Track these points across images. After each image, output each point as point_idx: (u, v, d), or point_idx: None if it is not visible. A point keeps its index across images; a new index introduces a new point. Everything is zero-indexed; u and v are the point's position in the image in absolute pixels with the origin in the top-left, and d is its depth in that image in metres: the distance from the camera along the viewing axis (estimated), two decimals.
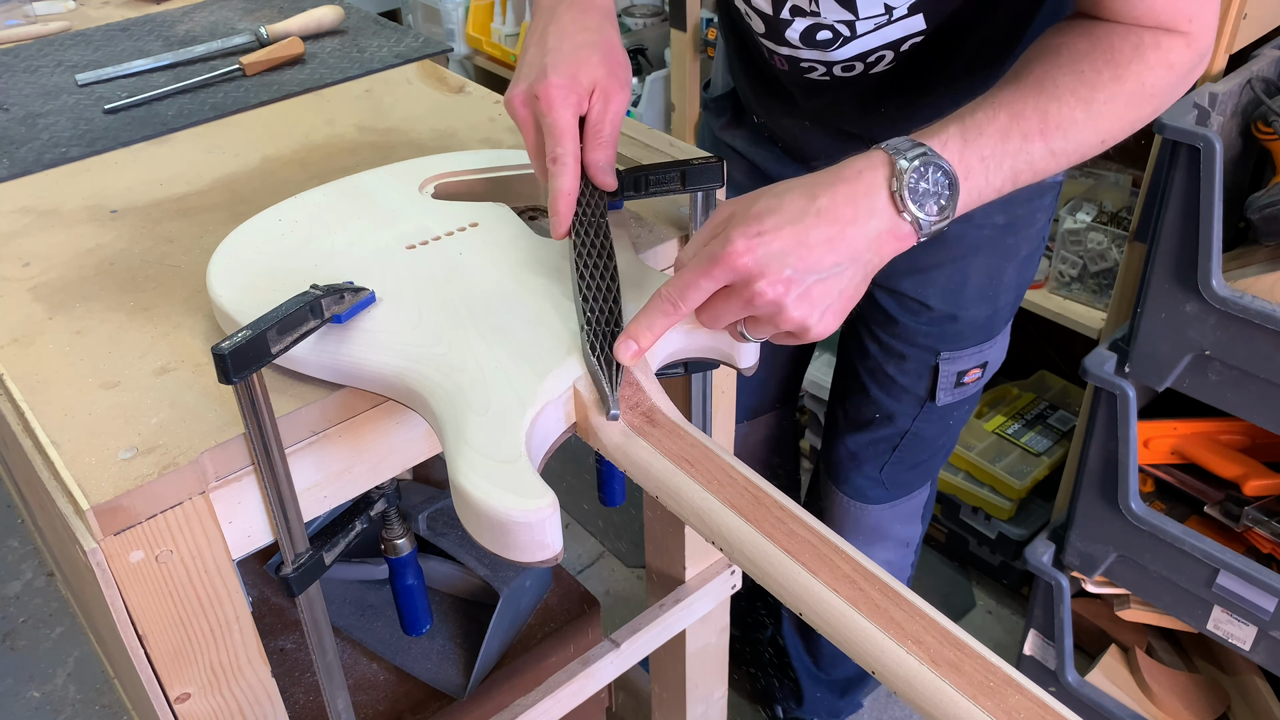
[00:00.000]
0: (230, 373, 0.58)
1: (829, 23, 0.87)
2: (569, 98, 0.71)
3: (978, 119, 0.68)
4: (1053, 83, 0.70)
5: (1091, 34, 0.72)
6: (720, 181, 0.76)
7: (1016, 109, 0.68)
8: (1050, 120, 0.69)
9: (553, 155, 0.71)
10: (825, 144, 1.04)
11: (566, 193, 0.71)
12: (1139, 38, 0.71)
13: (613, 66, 0.73)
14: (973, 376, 1.18)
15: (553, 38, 0.74)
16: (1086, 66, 0.70)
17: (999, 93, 0.70)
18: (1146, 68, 0.71)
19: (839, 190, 0.64)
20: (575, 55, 0.72)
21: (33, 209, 0.93)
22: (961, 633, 0.53)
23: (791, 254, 0.62)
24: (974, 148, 0.67)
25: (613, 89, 0.72)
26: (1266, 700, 1.49)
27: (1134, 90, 0.71)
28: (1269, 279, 1.16)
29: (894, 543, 1.37)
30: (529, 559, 0.58)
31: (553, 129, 0.71)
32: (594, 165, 0.72)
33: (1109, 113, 0.70)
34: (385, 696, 1.10)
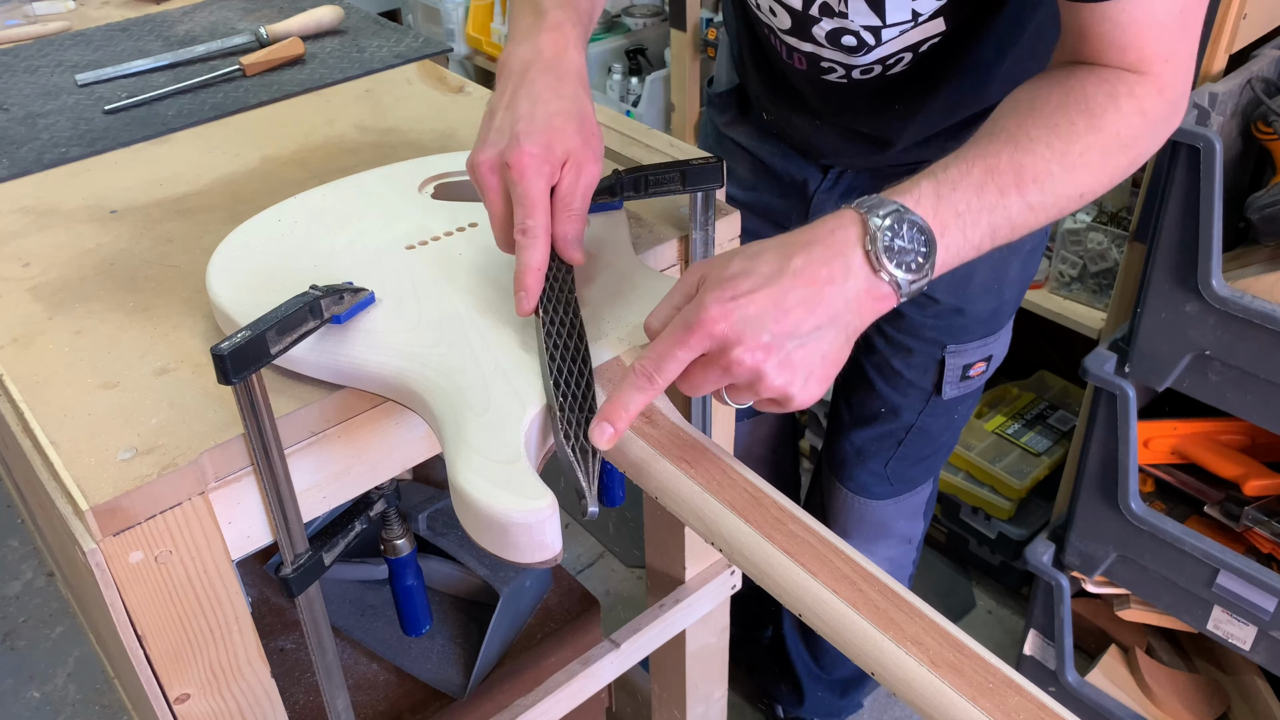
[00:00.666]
0: (230, 373, 0.58)
1: (855, 28, 0.87)
2: (542, 168, 0.67)
3: (950, 174, 0.66)
4: (1026, 136, 0.68)
5: (1065, 84, 0.71)
6: (720, 182, 0.76)
7: (990, 163, 0.67)
8: (1026, 174, 0.67)
9: (522, 227, 0.67)
10: (835, 141, 1.04)
11: (535, 268, 0.67)
12: (1113, 86, 0.70)
13: (587, 137, 0.70)
14: (978, 369, 1.18)
15: (524, 103, 0.70)
16: (1060, 119, 0.69)
17: (971, 147, 0.69)
18: (1121, 116, 0.70)
19: (814, 250, 0.62)
20: (549, 123, 0.69)
21: (33, 209, 0.93)
22: (961, 634, 0.53)
23: (769, 318, 0.60)
24: (948, 202, 0.65)
25: (586, 160, 0.69)
26: (1266, 700, 1.49)
27: (1110, 140, 0.70)
28: (1269, 279, 1.16)
29: (897, 539, 1.38)
30: (528, 559, 0.58)
31: (524, 199, 0.67)
32: (562, 239, 0.69)
33: (1085, 164, 0.69)
34: (385, 696, 1.10)
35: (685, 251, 0.85)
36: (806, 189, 1.10)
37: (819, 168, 1.09)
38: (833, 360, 0.63)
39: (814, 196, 1.10)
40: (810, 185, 1.09)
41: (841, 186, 1.08)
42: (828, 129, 1.04)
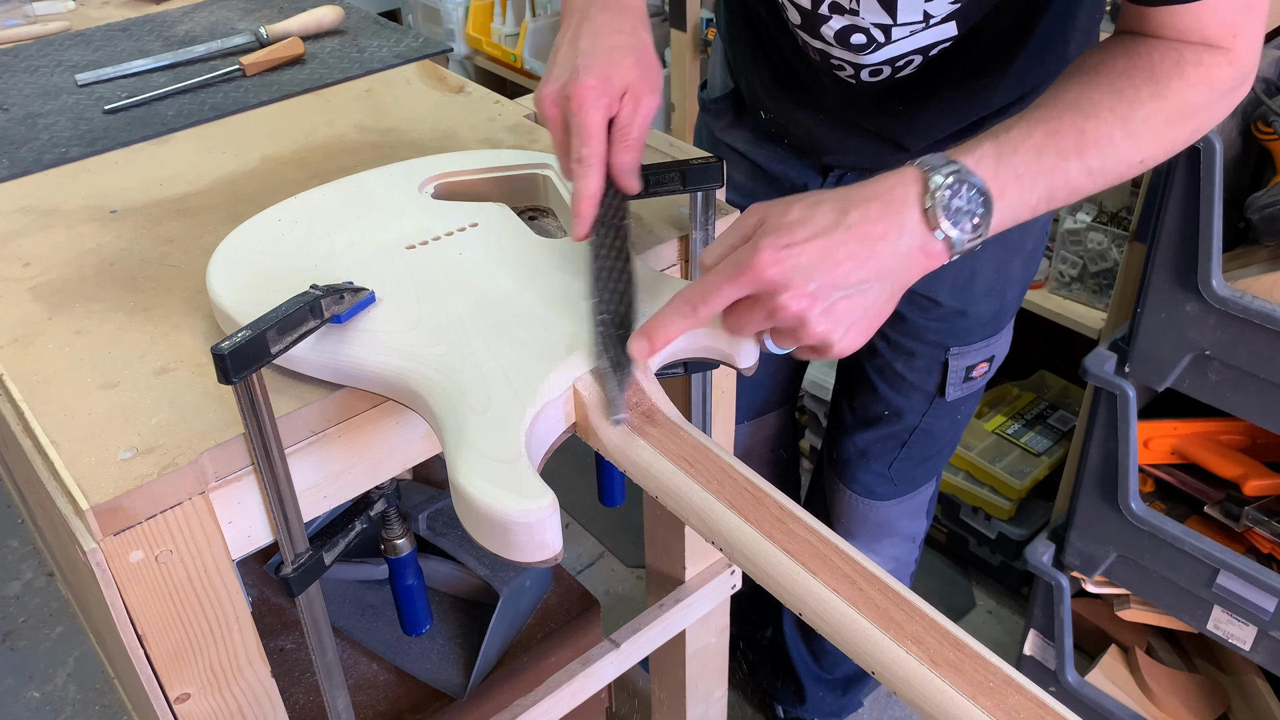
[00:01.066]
0: (230, 373, 0.58)
1: (865, 25, 0.87)
2: (600, 99, 0.70)
3: (1012, 136, 0.67)
4: (1089, 100, 0.69)
5: (1131, 51, 0.71)
6: (720, 181, 0.76)
7: (1052, 126, 0.68)
8: (1087, 138, 0.68)
9: (578, 156, 0.71)
10: (838, 138, 1.04)
11: (590, 195, 0.70)
12: (1180, 54, 0.70)
13: (645, 70, 0.73)
14: (981, 370, 1.18)
15: (585, 39, 0.73)
16: (1125, 84, 0.69)
17: (1035, 110, 0.69)
18: (1188, 85, 0.70)
19: (871, 206, 0.63)
20: (608, 57, 0.72)
21: (33, 209, 0.93)
22: (961, 633, 0.53)
23: (818, 268, 0.61)
24: (1008, 164, 0.66)
25: (644, 92, 0.72)
26: (1266, 700, 1.49)
27: (1174, 108, 0.70)
28: (1269, 279, 1.16)
29: (901, 538, 1.38)
30: (529, 559, 0.58)
31: (581, 130, 0.71)
32: (619, 168, 0.72)
33: (1148, 130, 0.69)
34: (385, 696, 1.10)
35: (685, 251, 0.85)
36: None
37: (818, 170, 1.09)
38: (875, 314, 0.65)
39: None
40: (810, 189, 1.09)
41: None
42: (830, 124, 1.03)
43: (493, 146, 0.99)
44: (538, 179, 0.88)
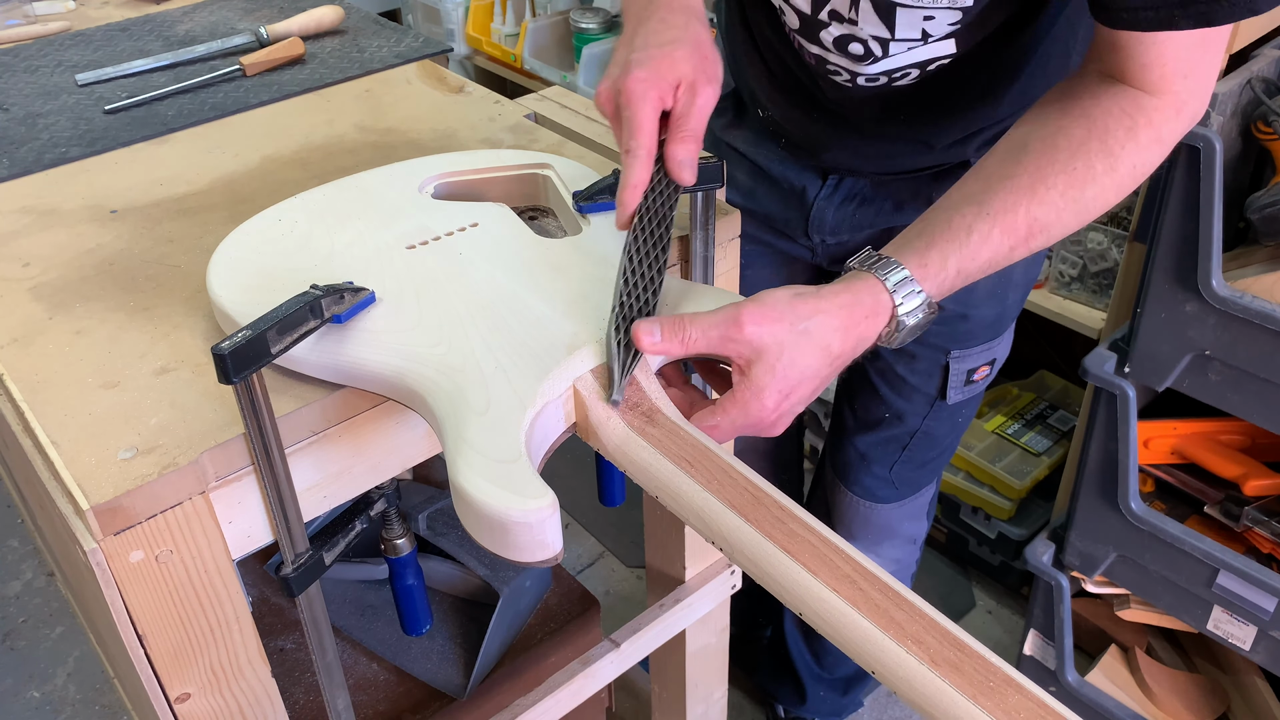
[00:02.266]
0: (230, 373, 0.58)
1: (863, 36, 0.87)
2: (649, 92, 0.72)
3: (972, 245, 0.72)
4: (1045, 186, 0.73)
5: (1088, 117, 0.75)
6: (720, 181, 0.76)
7: (1008, 222, 0.73)
8: (1037, 226, 0.74)
9: (626, 147, 0.72)
10: (837, 139, 1.04)
11: (633, 185, 0.72)
12: (1133, 118, 0.74)
13: (700, 62, 0.74)
14: (982, 374, 1.18)
15: (640, 37, 0.75)
16: (1080, 163, 0.74)
17: (995, 195, 0.73)
18: (1139, 149, 0.74)
19: (850, 336, 0.69)
20: (661, 51, 0.74)
21: (33, 209, 0.93)
22: (961, 633, 0.53)
23: (804, 403, 0.69)
24: (964, 276, 0.73)
25: (699, 83, 0.73)
26: (1266, 700, 1.49)
27: (1123, 175, 0.75)
28: (1269, 279, 1.16)
29: (902, 540, 1.37)
30: (529, 559, 0.58)
31: (630, 122, 0.72)
32: (672, 159, 0.73)
33: (1096, 206, 0.75)
34: (385, 696, 1.10)
35: (685, 252, 0.85)
36: (806, 196, 1.09)
37: (818, 173, 1.08)
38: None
39: (813, 204, 1.09)
40: (810, 192, 1.09)
41: (841, 193, 1.07)
42: (830, 125, 1.03)
43: (493, 146, 0.99)
44: (538, 179, 0.88)
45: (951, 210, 0.74)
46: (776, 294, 0.68)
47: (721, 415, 0.67)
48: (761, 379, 0.66)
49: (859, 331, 0.70)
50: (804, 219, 1.10)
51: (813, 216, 1.09)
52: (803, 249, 1.14)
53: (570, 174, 0.85)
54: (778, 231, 1.15)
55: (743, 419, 0.67)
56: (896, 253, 0.72)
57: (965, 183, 0.76)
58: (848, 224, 1.09)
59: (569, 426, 0.67)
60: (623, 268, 0.70)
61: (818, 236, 1.11)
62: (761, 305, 0.67)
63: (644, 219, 0.72)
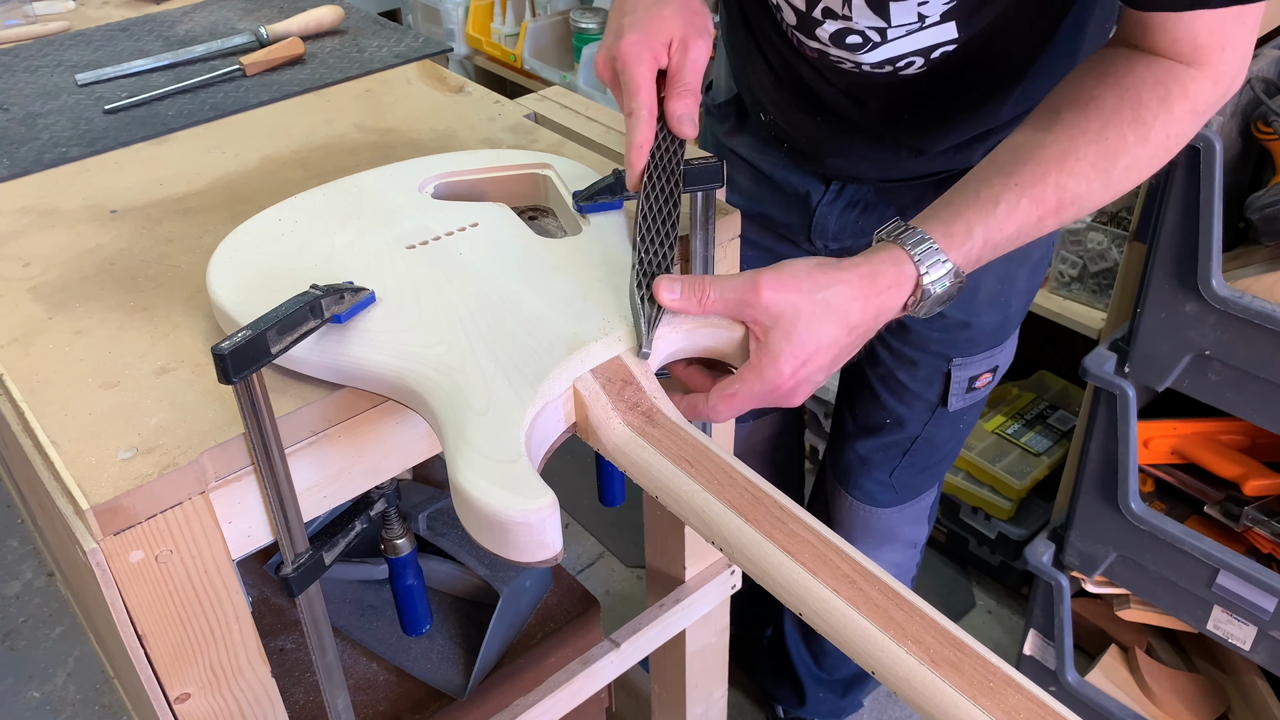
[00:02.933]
0: (230, 373, 0.58)
1: (860, 28, 0.87)
2: (643, 54, 0.74)
3: (999, 215, 0.71)
4: (1075, 157, 0.72)
5: (1120, 85, 0.73)
6: (720, 181, 0.76)
7: (1037, 193, 0.72)
8: (1067, 196, 0.72)
9: (628, 109, 0.74)
10: (840, 144, 1.03)
11: (638, 145, 0.73)
12: (1166, 88, 0.72)
13: (689, 16, 0.76)
14: (984, 381, 1.17)
15: (629, 3, 0.77)
16: (1112, 132, 0.72)
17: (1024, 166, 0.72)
18: (1172, 119, 0.73)
19: (869, 306, 0.69)
20: (649, 13, 0.75)
21: (33, 209, 0.93)
22: (961, 633, 0.53)
23: (824, 372, 0.69)
24: (992, 245, 0.72)
25: (690, 37, 0.75)
26: (1266, 700, 1.49)
27: (1156, 146, 0.73)
28: (1269, 279, 1.16)
29: (902, 544, 1.37)
30: (529, 559, 0.58)
31: (627, 85, 0.74)
32: (671, 115, 0.75)
33: (1126, 177, 0.74)
34: (385, 696, 1.10)
35: (685, 251, 0.85)
36: (809, 201, 1.09)
37: (821, 179, 1.08)
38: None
39: (816, 209, 1.08)
40: (813, 198, 1.08)
41: (844, 199, 1.07)
42: (833, 129, 1.03)
43: (493, 146, 0.99)
44: (538, 179, 0.88)
45: (979, 181, 0.73)
46: (798, 263, 0.69)
47: (740, 384, 0.68)
48: (778, 345, 0.67)
49: (880, 302, 0.70)
50: (807, 224, 1.10)
51: (815, 222, 1.09)
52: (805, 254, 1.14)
53: (570, 174, 0.85)
54: (780, 236, 1.15)
55: (760, 386, 0.67)
56: (923, 223, 0.72)
57: (995, 154, 0.75)
58: (850, 230, 1.08)
59: (569, 426, 0.67)
60: (637, 226, 0.72)
61: (820, 242, 1.10)
62: (780, 273, 0.67)
63: (653, 178, 0.74)
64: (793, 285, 0.67)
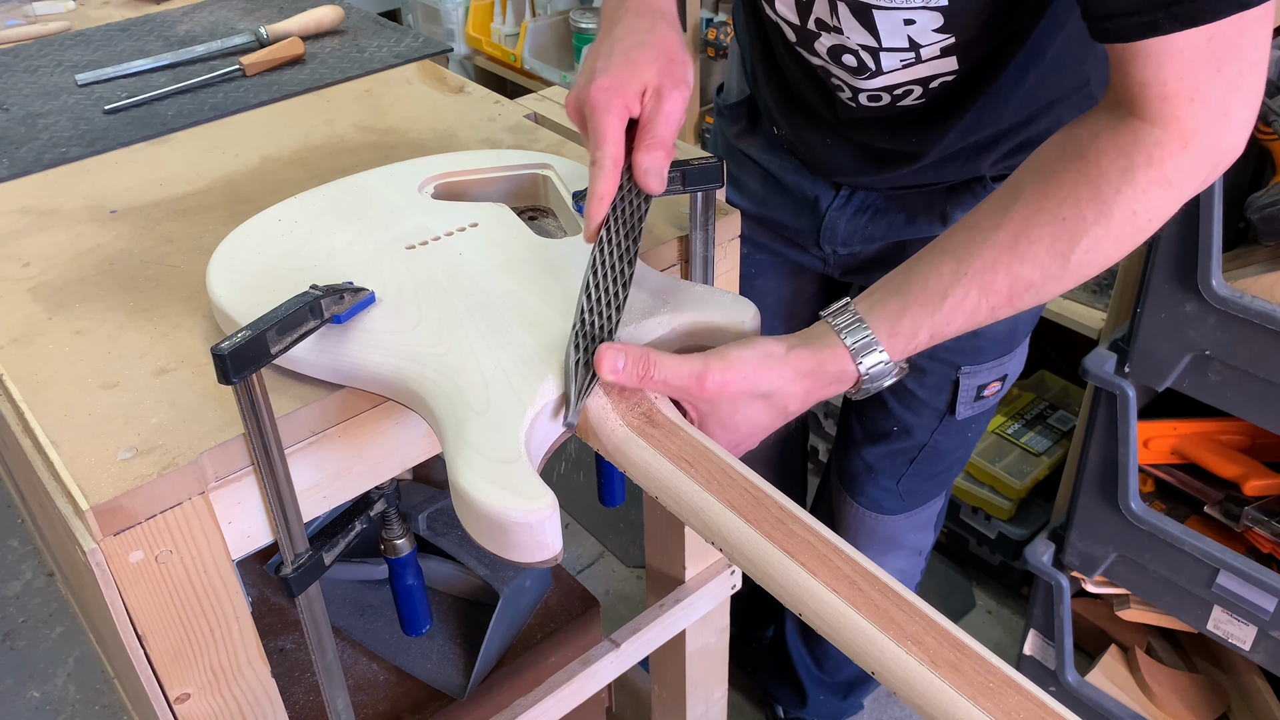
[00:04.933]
0: (230, 373, 0.58)
1: (853, 46, 0.86)
2: (614, 101, 0.70)
3: (946, 310, 0.70)
4: (1029, 240, 0.68)
5: (1083, 157, 0.68)
6: (720, 182, 0.76)
7: (986, 281, 0.69)
8: (1019, 283, 0.69)
9: (591, 158, 0.71)
10: (846, 159, 1.02)
11: (598, 196, 0.70)
12: (1129, 158, 0.67)
13: (666, 65, 0.73)
14: (992, 389, 1.16)
15: (605, 45, 0.74)
16: (1069, 211, 0.68)
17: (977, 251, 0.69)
18: (1138, 193, 0.67)
19: (809, 399, 0.71)
20: (625, 58, 0.72)
21: (33, 209, 0.93)
22: (961, 633, 0.53)
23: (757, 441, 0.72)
24: (939, 338, 0.71)
25: (665, 88, 0.72)
26: (1266, 700, 1.49)
27: (1120, 224, 0.68)
28: (1269, 279, 1.16)
29: (907, 551, 1.36)
30: (529, 559, 0.58)
31: (594, 133, 0.71)
32: (637, 167, 0.71)
33: (1089, 259, 0.69)
34: (385, 696, 1.10)
35: (685, 251, 0.85)
36: (818, 206, 1.08)
37: (831, 185, 1.07)
38: None
39: (826, 214, 1.08)
40: (822, 202, 1.08)
41: (854, 204, 1.06)
42: (839, 145, 1.02)
43: (493, 146, 0.99)
44: (538, 179, 0.88)
45: (931, 267, 0.71)
46: (745, 354, 0.68)
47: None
48: (712, 430, 0.69)
49: (818, 394, 0.71)
50: (816, 229, 1.09)
51: (825, 227, 1.08)
52: (814, 259, 1.13)
53: (570, 174, 0.85)
54: (789, 241, 1.14)
55: None
56: (870, 313, 0.71)
57: (955, 231, 0.72)
58: (860, 235, 1.07)
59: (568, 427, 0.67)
60: (586, 282, 0.67)
61: (829, 247, 1.10)
62: (727, 366, 0.67)
63: (610, 232, 0.70)
64: (736, 381, 0.67)
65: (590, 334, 0.65)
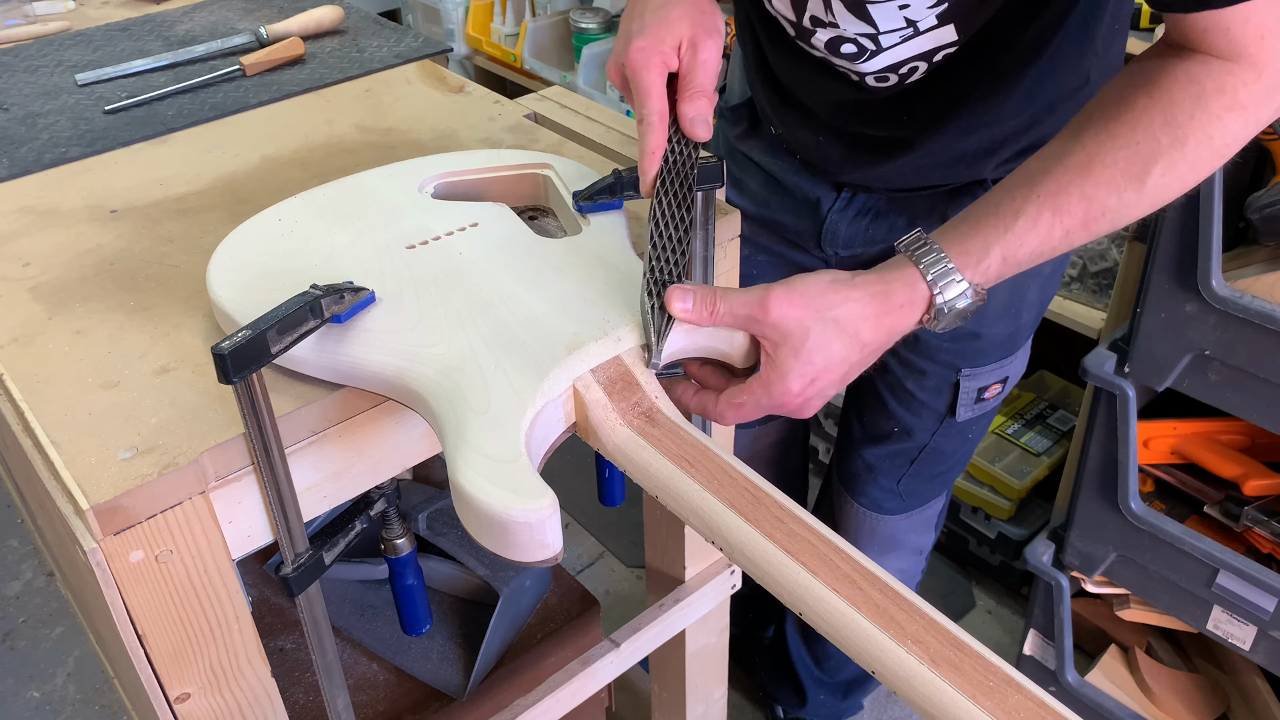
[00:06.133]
0: (230, 373, 0.58)
1: (850, 36, 0.86)
2: (652, 59, 0.73)
3: (1018, 230, 0.69)
4: (1102, 164, 0.68)
5: (1152, 86, 0.69)
6: (721, 181, 0.76)
7: (1060, 203, 0.68)
8: (1095, 207, 0.69)
9: (639, 116, 0.73)
10: (842, 156, 1.02)
11: (649, 152, 0.72)
12: (1200, 86, 0.67)
13: (698, 17, 0.75)
14: (993, 392, 1.16)
15: (637, 8, 0.76)
16: (1143, 135, 0.68)
17: (1048, 176, 0.69)
18: (1211, 119, 0.67)
19: (881, 325, 0.69)
20: (657, 16, 0.75)
21: (33, 209, 0.93)
22: (961, 633, 0.53)
23: (834, 387, 0.69)
24: (1013, 262, 0.70)
25: (699, 38, 0.74)
26: (1266, 700, 1.49)
27: (1196, 149, 0.68)
28: (1269, 279, 1.16)
29: (908, 551, 1.36)
30: (529, 559, 0.58)
31: (637, 91, 0.73)
32: (683, 117, 0.74)
33: (1166, 183, 0.69)
34: (385, 696, 1.10)
35: None
36: (819, 208, 1.08)
37: (832, 187, 1.07)
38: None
39: (827, 216, 1.07)
40: (823, 205, 1.07)
41: (855, 207, 1.06)
42: (832, 141, 1.02)
43: (493, 146, 0.99)
44: (538, 179, 0.88)
45: (1004, 191, 0.71)
46: (810, 278, 0.68)
47: (747, 395, 0.68)
48: (786, 363, 0.66)
49: (892, 320, 0.69)
50: (817, 231, 1.09)
51: (826, 229, 1.08)
52: (816, 261, 1.13)
53: (570, 174, 0.85)
54: (790, 243, 1.14)
55: (767, 400, 0.68)
56: (941, 237, 0.71)
57: (1027, 164, 0.72)
58: (861, 238, 1.07)
59: (569, 426, 0.67)
60: (650, 232, 0.71)
61: (830, 249, 1.09)
62: (791, 290, 0.67)
63: (666, 184, 0.73)
64: (803, 303, 0.66)
65: (661, 280, 0.68)
